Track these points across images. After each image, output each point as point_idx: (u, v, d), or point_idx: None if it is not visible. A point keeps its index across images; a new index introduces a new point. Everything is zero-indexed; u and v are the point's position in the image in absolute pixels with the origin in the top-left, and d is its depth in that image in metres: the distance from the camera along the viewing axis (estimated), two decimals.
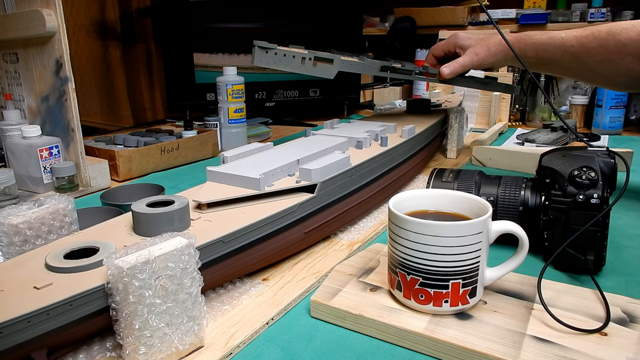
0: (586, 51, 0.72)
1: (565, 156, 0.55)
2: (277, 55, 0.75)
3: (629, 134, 1.33)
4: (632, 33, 0.69)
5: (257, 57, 0.74)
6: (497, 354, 0.39)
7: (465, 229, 0.42)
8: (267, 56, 0.75)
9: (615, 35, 0.70)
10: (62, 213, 0.50)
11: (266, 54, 0.74)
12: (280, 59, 0.75)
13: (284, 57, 0.75)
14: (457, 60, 0.83)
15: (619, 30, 0.70)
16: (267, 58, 0.75)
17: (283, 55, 0.75)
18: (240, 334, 0.44)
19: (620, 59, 0.70)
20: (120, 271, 0.35)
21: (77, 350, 0.41)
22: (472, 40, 0.84)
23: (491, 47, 0.81)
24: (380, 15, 2.34)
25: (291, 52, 0.76)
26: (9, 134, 0.89)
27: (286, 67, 0.76)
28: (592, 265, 0.52)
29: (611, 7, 1.86)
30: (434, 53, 0.91)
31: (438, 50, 0.90)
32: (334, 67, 0.77)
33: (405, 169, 0.79)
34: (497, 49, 0.80)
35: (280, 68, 0.74)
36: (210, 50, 1.32)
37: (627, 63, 0.70)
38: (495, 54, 0.81)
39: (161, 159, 1.01)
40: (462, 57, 0.83)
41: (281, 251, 0.55)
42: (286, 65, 0.76)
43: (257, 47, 0.75)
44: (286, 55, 0.75)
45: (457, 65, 0.82)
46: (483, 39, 0.83)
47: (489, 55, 0.81)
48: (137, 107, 1.51)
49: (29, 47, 0.87)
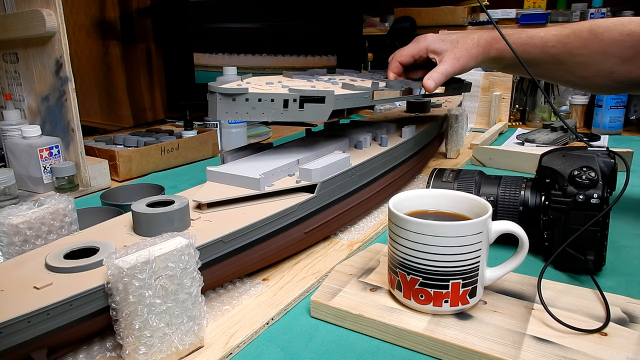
0: (567, 52, 0.68)
1: (565, 156, 0.55)
2: (248, 103, 0.55)
3: (629, 134, 1.33)
4: (615, 33, 0.65)
5: (220, 109, 0.55)
6: (497, 354, 0.39)
7: (465, 229, 0.42)
8: (234, 105, 0.55)
9: (597, 35, 0.66)
10: (62, 213, 0.50)
11: (233, 103, 0.55)
12: (254, 106, 0.56)
13: (259, 104, 0.56)
14: (438, 69, 0.72)
15: (600, 29, 0.66)
16: (235, 108, 0.55)
17: (257, 100, 0.56)
18: (240, 334, 0.44)
19: (603, 60, 0.67)
20: (120, 271, 0.35)
21: (77, 350, 0.41)
22: (447, 43, 0.73)
23: (470, 50, 0.72)
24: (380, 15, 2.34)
25: (268, 94, 0.56)
26: (9, 134, 0.89)
27: (264, 117, 0.57)
28: (592, 265, 0.52)
29: (611, 7, 1.86)
30: (400, 60, 0.77)
31: (405, 57, 0.76)
32: (327, 106, 0.58)
33: (405, 169, 0.79)
34: (477, 51, 0.72)
35: (255, 119, 0.61)
36: (210, 50, 1.32)
37: (611, 65, 0.66)
38: (476, 57, 0.73)
39: (161, 159, 1.01)
40: (441, 64, 0.72)
41: (281, 251, 0.55)
42: (263, 114, 0.56)
43: (218, 94, 0.55)
44: (262, 101, 0.56)
45: (439, 75, 0.71)
46: (458, 40, 0.74)
47: (470, 59, 0.73)
48: (137, 107, 1.51)
49: (29, 47, 0.87)
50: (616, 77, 0.67)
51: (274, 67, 1.40)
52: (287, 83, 0.63)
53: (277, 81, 0.64)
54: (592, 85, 0.71)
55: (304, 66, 1.44)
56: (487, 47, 0.72)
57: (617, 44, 0.65)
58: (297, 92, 0.57)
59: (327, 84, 0.66)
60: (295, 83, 0.64)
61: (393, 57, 0.78)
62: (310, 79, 0.70)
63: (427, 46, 0.74)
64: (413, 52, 0.75)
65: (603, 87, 0.70)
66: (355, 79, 0.74)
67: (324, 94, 0.58)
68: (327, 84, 0.66)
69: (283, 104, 0.56)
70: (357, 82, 0.71)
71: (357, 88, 0.62)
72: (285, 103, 0.56)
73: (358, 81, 0.72)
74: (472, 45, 0.73)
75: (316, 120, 0.59)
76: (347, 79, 0.73)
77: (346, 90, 0.62)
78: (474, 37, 0.73)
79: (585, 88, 0.75)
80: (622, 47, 0.65)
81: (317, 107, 0.57)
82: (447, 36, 0.74)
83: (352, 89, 0.61)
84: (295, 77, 0.70)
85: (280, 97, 0.56)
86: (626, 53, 0.65)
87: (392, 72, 0.77)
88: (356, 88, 0.62)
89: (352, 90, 0.61)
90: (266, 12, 1.37)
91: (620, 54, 0.65)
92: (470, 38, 0.73)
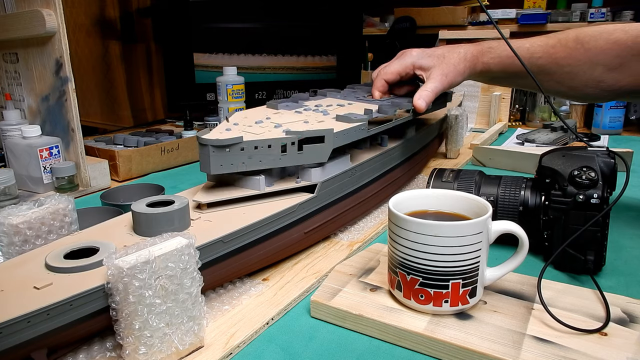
0: (554, 62, 0.67)
1: (565, 156, 0.55)
2: (244, 152, 0.51)
3: (629, 134, 1.33)
4: (600, 42, 0.65)
5: (213, 163, 0.50)
6: (497, 354, 0.39)
7: (465, 229, 0.42)
8: (229, 157, 0.51)
9: (583, 44, 0.66)
10: (62, 213, 0.50)
11: (227, 154, 0.50)
12: (250, 155, 0.51)
13: (255, 152, 0.52)
14: (427, 87, 0.70)
15: (586, 38, 0.66)
16: (230, 159, 0.51)
17: (254, 148, 0.51)
18: (240, 334, 0.44)
19: (591, 69, 0.66)
20: (120, 271, 0.35)
21: (77, 350, 0.41)
22: (433, 59, 0.71)
23: (457, 65, 0.71)
24: (380, 15, 2.34)
25: (265, 141, 0.52)
26: (9, 134, 0.89)
27: (261, 165, 0.53)
28: (592, 265, 0.52)
29: (611, 7, 1.87)
30: (386, 78, 0.74)
31: (392, 74, 0.74)
32: (326, 146, 0.55)
33: (405, 169, 0.79)
34: (464, 66, 0.71)
35: (251, 168, 0.52)
36: (210, 50, 1.31)
37: (598, 74, 0.66)
38: (463, 73, 0.71)
39: (161, 159, 1.01)
40: (430, 81, 0.70)
41: (281, 251, 0.55)
42: (260, 161, 0.52)
43: (210, 147, 0.50)
44: (258, 148, 0.52)
45: (429, 93, 0.69)
46: (444, 55, 0.72)
47: (458, 75, 0.71)
48: (137, 107, 1.51)
49: (29, 47, 0.87)
50: (604, 86, 0.67)
51: (274, 67, 1.40)
52: (276, 119, 0.60)
53: (264, 117, 0.61)
54: (582, 95, 0.70)
55: (304, 66, 1.44)
56: (474, 61, 0.71)
57: (604, 52, 0.65)
58: (296, 135, 0.53)
59: (318, 115, 0.63)
60: (285, 117, 0.61)
61: (378, 74, 0.75)
62: (297, 108, 0.67)
63: (414, 62, 0.72)
64: (399, 69, 0.73)
65: (592, 96, 0.69)
66: (342, 103, 0.71)
67: (323, 133, 0.55)
68: (318, 114, 0.64)
69: (281, 149, 0.53)
70: (345, 106, 0.69)
71: (352, 119, 0.60)
72: (284, 148, 0.53)
73: (346, 105, 0.70)
74: (459, 60, 0.71)
75: (315, 161, 0.56)
76: (334, 104, 0.71)
77: (342, 123, 0.60)
78: (460, 51, 0.72)
79: (575, 98, 0.74)
80: (609, 56, 0.64)
81: (317, 147, 0.55)
82: (433, 51, 0.73)
83: (348, 121, 0.60)
84: (281, 108, 0.67)
85: (278, 142, 0.53)
86: (613, 62, 0.64)
87: (377, 91, 0.75)
88: (351, 119, 0.60)
89: (348, 122, 0.59)
90: (266, 12, 1.37)
91: (607, 62, 0.65)
92: (457, 52, 0.72)
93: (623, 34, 0.63)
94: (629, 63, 0.64)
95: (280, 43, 1.40)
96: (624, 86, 0.65)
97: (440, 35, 1.73)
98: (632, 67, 0.64)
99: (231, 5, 1.32)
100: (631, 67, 0.64)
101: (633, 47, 0.63)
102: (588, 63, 0.66)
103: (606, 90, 0.67)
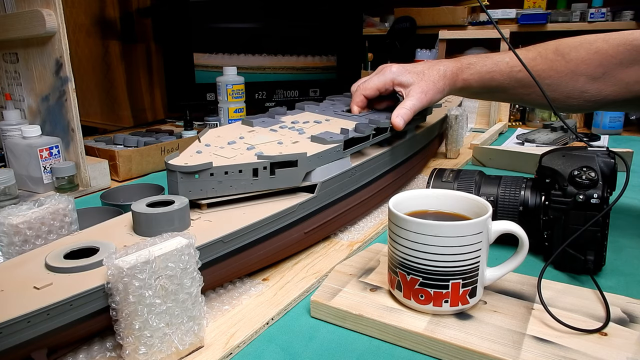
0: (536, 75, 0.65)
1: (565, 156, 0.55)
2: (213, 177, 0.50)
3: (629, 134, 1.33)
4: (582, 52, 0.64)
5: (182, 189, 0.50)
6: (497, 354, 0.39)
7: (465, 229, 0.42)
8: (198, 183, 0.50)
9: (564, 55, 0.65)
10: (62, 213, 0.50)
11: (196, 180, 0.50)
12: (220, 180, 0.50)
13: (225, 177, 0.50)
14: (405, 104, 0.69)
15: (567, 49, 0.65)
16: (199, 185, 0.50)
17: (224, 173, 0.50)
18: (240, 334, 0.44)
19: (573, 80, 0.65)
20: (120, 271, 0.35)
21: (77, 350, 0.41)
22: (413, 76, 0.70)
23: (437, 82, 0.70)
24: (380, 15, 2.34)
25: (235, 166, 0.51)
26: (9, 134, 0.89)
27: (232, 190, 0.52)
28: (592, 265, 0.52)
29: (611, 7, 1.87)
30: (365, 93, 0.73)
31: (371, 90, 0.73)
32: (300, 170, 0.54)
33: (405, 169, 0.79)
34: (443, 83, 0.70)
35: (222, 194, 0.52)
36: (210, 50, 1.31)
37: (581, 85, 0.65)
38: (442, 90, 0.70)
39: (161, 159, 1.01)
40: (408, 99, 0.69)
41: (281, 251, 0.55)
42: (231, 186, 0.51)
43: (178, 173, 0.49)
44: (228, 173, 0.51)
45: (407, 111, 0.68)
46: (424, 72, 0.71)
47: (437, 92, 0.70)
48: (137, 107, 1.51)
49: (29, 47, 0.87)
50: (587, 96, 0.66)
51: (274, 67, 1.40)
52: (250, 139, 0.59)
53: (238, 136, 0.60)
54: (565, 106, 0.69)
55: (304, 66, 1.44)
56: (454, 78, 0.71)
57: (585, 63, 0.64)
58: (267, 159, 0.52)
59: (293, 134, 0.63)
60: (259, 137, 0.60)
61: (357, 89, 0.74)
62: (273, 124, 0.66)
63: (393, 79, 0.71)
64: (378, 85, 0.72)
65: (576, 107, 0.69)
66: (319, 119, 0.70)
67: (296, 157, 0.54)
68: (293, 133, 0.63)
69: (252, 173, 0.52)
70: (322, 123, 0.69)
71: (327, 140, 0.58)
72: (255, 172, 0.52)
73: (323, 122, 0.70)
74: (439, 78, 0.70)
75: (289, 185, 0.55)
76: (311, 120, 0.70)
77: (317, 144, 0.58)
78: (440, 68, 0.71)
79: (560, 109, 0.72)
80: (591, 66, 0.64)
81: (290, 171, 0.54)
82: (413, 67, 0.72)
83: (323, 142, 0.58)
84: (256, 125, 0.66)
85: (249, 166, 0.51)
86: (595, 71, 0.64)
87: (356, 106, 0.74)
88: (326, 141, 0.58)
89: (323, 144, 0.58)
90: (266, 12, 1.37)
91: (589, 72, 0.64)
92: (436, 69, 0.71)
93: (604, 43, 0.63)
94: (611, 72, 0.63)
95: (280, 43, 1.40)
96: (607, 96, 0.65)
97: (440, 35, 1.73)
98: (615, 76, 0.63)
99: (231, 5, 1.32)
100: (614, 76, 0.63)
101: (615, 56, 0.62)
102: (570, 74, 0.65)
103: (590, 101, 0.66)
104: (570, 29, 1.89)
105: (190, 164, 0.49)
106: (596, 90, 0.65)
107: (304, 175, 0.55)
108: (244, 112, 1.17)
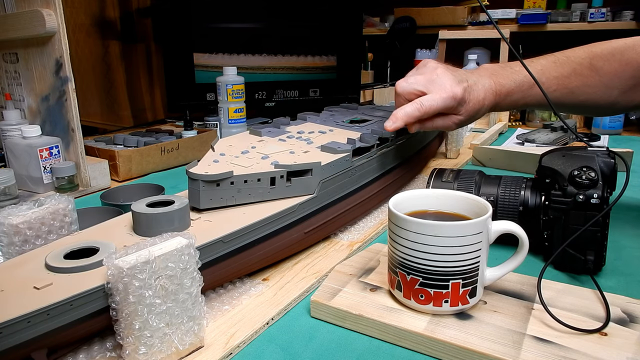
0: (570, 92, 0.65)
1: (565, 156, 0.55)
2: (234, 186, 0.52)
3: (629, 134, 1.33)
4: (614, 64, 0.63)
5: (203, 198, 0.51)
6: (497, 354, 0.39)
7: (465, 229, 0.42)
8: (218, 191, 0.51)
9: (598, 70, 0.64)
10: (62, 213, 0.50)
11: (217, 189, 0.51)
12: (240, 188, 0.52)
13: (244, 185, 0.52)
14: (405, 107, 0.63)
15: (600, 62, 0.64)
16: (220, 194, 0.52)
17: (243, 182, 0.52)
18: (240, 334, 0.44)
19: (606, 95, 0.65)
20: (120, 271, 0.35)
21: (77, 350, 0.41)
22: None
23: (482, 98, 0.65)
24: (380, 15, 2.34)
25: (254, 175, 0.53)
26: (9, 134, 0.89)
27: (250, 198, 0.53)
28: (592, 265, 0.52)
29: (611, 7, 1.87)
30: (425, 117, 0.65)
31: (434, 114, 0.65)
32: (314, 178, 0.56)
33: (405, 169, 0.79)
34: (490, 100, 0.66)
35: (241, 202, 0.53)
36: (210, 50, 1.32)
37: (614, 98, 0.65)
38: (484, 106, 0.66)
39: (161, 159, 1.01)
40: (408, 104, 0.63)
41: (281, 251, 0.55)
42: (249, 195, 0.53)
43: (201, 182, 0.51)
44: (248, 182, 0.53)
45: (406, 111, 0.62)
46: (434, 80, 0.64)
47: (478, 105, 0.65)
48: (137, 107, 1.51)
49: (29, 47, 0.87)
50: (618, 107, 0.67)
51: (274, 67, 1.40)
52: (262, 148, 0.61)
53: (250, 146, 0.62)
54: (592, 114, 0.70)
55: (304, 66, 1.44)
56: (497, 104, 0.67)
57: (618, 76, 0.64)
58: (284, 168, 0.54)
59: (302, 144, 0.64)
60: (270, 147, 0.62)
61: (420, 106, 0.63)
62: (279, 134, 0.68)
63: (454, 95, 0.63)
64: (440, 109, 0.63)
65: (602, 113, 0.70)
66: (324, 130, 0.72)
67: (312, 166, 0.56)
68: (302, 142, 0.65)
69: (270, 182, 0.54)
70: (326, 133, 0.70)
71: (337, 150, 0.60)
72: (273, 181, 0.54)
73: (327, 132, 0.71)
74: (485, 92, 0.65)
75: (303, 194, 0.56)
76: (315, 130, 0.72)
77: (327, 154, 0.60)
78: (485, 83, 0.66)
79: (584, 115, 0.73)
80: (623, 79, 0.64)
81: (305, 180, 0.56)
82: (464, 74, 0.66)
83: (333, 152, 0.60)
84: (264, 135, 0.68)
85: (267, 175, 0.54)
86: (627, 84, 0.64)
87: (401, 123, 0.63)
88: (336, 150, 0.60)
89: (334, 153, 0.60)
90: (266, 12, 1.37)
91: (621, 86, 0.64)
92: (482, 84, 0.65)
93: (635, 54, 0.63)
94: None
95: (280, 43, 1.40)
96: (637, 104, 0.66)
97: (440, 35, 1.73)
98: None
99: (231, 5, 1.32)
100: None
101: None
102: (603, 88, 0.65)
103: (618, 109, 0.68)
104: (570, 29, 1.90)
105: (211, 172, 0.51)
106: (627, 102, 0.66)
107: (317, 185, 0.57)
108: (244, 112, 1.17)
